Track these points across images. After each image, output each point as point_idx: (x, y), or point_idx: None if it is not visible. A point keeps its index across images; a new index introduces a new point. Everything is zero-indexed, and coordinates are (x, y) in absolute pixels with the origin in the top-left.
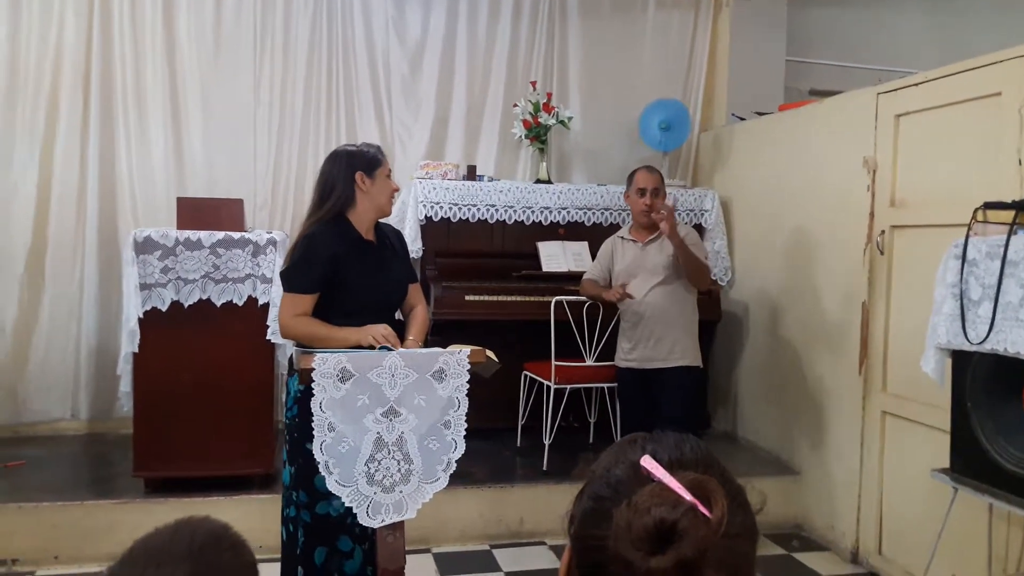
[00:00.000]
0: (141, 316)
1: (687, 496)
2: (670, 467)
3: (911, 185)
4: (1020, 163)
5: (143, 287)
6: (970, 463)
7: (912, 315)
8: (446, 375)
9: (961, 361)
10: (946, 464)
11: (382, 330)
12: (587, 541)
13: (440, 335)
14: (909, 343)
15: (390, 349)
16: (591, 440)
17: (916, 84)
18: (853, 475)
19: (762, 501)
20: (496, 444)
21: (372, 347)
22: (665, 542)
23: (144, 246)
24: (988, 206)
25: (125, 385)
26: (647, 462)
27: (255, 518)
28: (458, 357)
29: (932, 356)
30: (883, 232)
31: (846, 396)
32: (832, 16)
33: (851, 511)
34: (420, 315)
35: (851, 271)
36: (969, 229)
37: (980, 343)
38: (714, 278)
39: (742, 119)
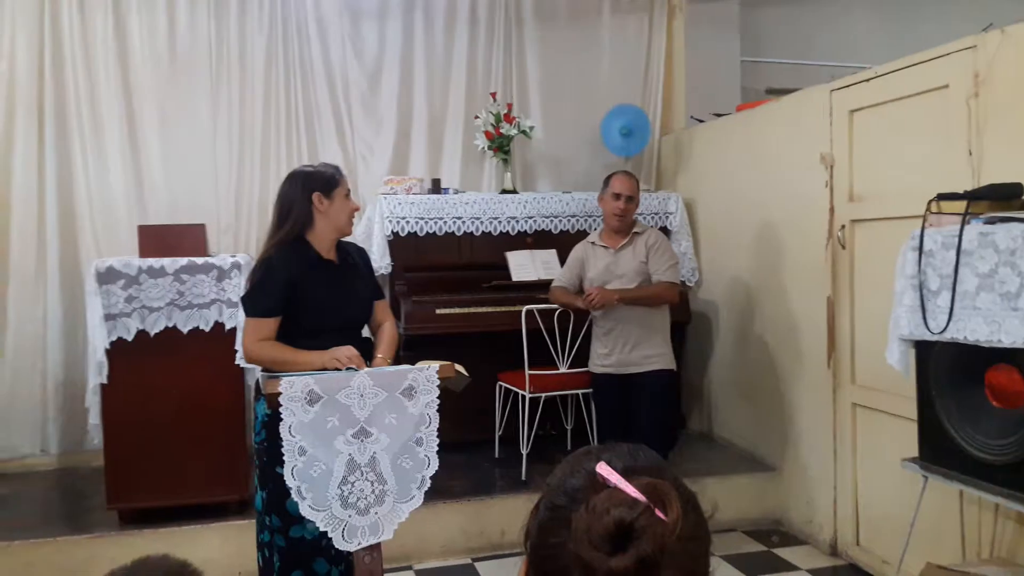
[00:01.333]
0: (107, 347)
1: (643, 499)
2: (625, 474)
3: (868, 179)
4: (970, 154)
5: (108, 317)
6: (938, 451)
7: (876, 307)
8: (416, 392)
9: (924, 351)
10: (916, 453)
11: (347, 352)
12: (546, 550)
13: (412, 350)
14: (874, 335)
15: (356, 371)
16: (569, 447)
17: (867, 80)
18: (828, 468)
19: (714, 507)
20: (474, 456)
21: (338, 370)
22: (625, 541)
23: (107, 276)
24: (941, 197)
25: (94, 417)
26: (603, 468)
27: (232, 544)
28: (427, 373)
29: (896, 347)
30: (843, 227)
31: (816, 390)
32: (785, 15)
33: (828, 504)
34: (388, 332)
35: (815, 266)
36: (924, 221)
37: (940, 332)
38: (682, 279)
39: (701, 121)
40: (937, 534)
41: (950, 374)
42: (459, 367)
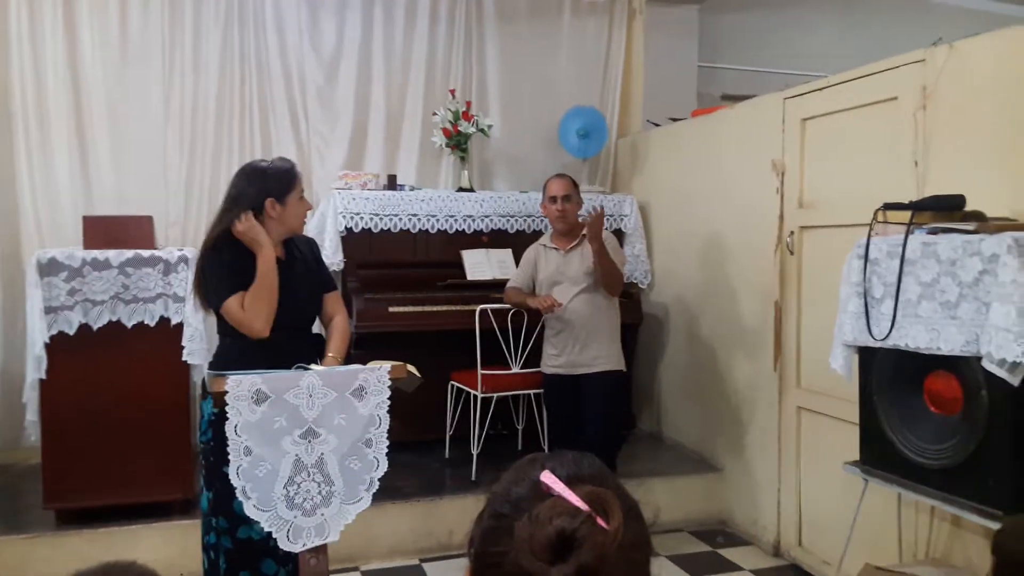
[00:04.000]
0: (47, 341)
1: (585, 508)
2: (569, 482)
3: (818, 187)
4: (916, 165)
5: (48, 310)
6: (878, 455)
7: (822, 313)
8: (366, 392)
9: (867, 357)
10: (857, 456)
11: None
12: (489, 559)
13: (364, 348)
14: (820, 340)
15: (307, 369)
16: (520, 447)
17: (820, 89)
18: (772, 470)
19: (656, 514)
20: (425, 456)
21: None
22: (566, 550)
23: (48, 268)
24: (887, 207)
25: (31, 414)
26: (547, 477)
27: (176, 545)
28: (378, 374)
29: (840, 353)
30: (792, 233)
31: (763, 393)
32: (743, 22)
33: (772, 505)
34: (339, 327)
35: (764, 271)
36: (871, 229)
37: (883, 339)
38: (635, 281)
39: (657, 125)
40: (876, 535)
41: (891, 380)
42: (411, 367)
